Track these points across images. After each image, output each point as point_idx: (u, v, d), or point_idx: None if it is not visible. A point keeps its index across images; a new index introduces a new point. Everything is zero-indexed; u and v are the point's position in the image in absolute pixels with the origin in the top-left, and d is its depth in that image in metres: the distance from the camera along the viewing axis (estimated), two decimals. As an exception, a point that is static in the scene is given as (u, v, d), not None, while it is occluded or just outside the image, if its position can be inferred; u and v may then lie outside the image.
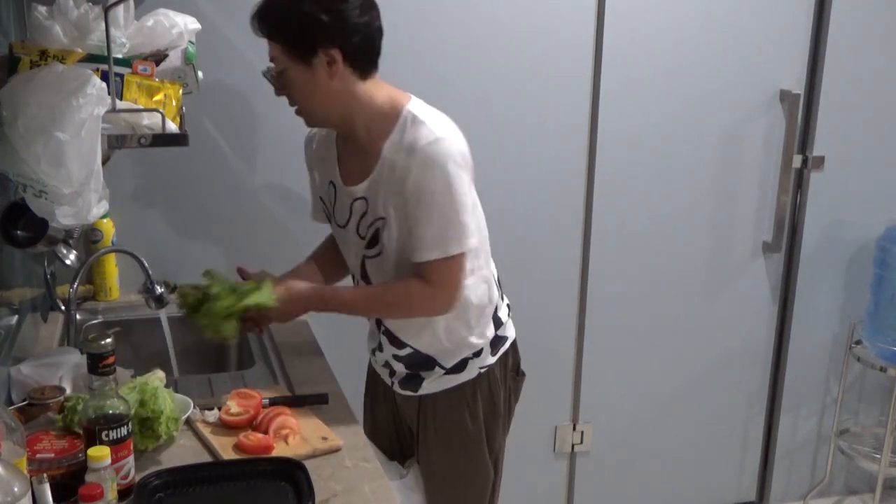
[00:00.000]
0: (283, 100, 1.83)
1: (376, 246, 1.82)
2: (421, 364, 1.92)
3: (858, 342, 3.04)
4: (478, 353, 1.92)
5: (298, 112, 1.79)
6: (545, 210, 2.73)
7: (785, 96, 2.82)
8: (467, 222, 1.72)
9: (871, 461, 3.03)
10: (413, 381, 1.94)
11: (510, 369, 2.03)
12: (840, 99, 2.85)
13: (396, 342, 1.91)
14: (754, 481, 3.20)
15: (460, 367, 1.92)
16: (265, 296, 1.74)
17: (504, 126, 2.62)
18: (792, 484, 3.22)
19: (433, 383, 1.93)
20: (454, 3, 2.50)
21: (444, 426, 1.96)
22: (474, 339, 1.90)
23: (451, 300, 1.78)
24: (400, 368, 1.95)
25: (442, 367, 1.91)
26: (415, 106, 1.76)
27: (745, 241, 2.94)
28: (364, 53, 1.73)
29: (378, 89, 1.77)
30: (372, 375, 2.14)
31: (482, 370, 1.93)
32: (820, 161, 2.89)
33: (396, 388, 1.99)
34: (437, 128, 1.71)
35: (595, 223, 2.77)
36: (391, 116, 1.74)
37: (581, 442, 2.96)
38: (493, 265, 1.97)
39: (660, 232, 2.85)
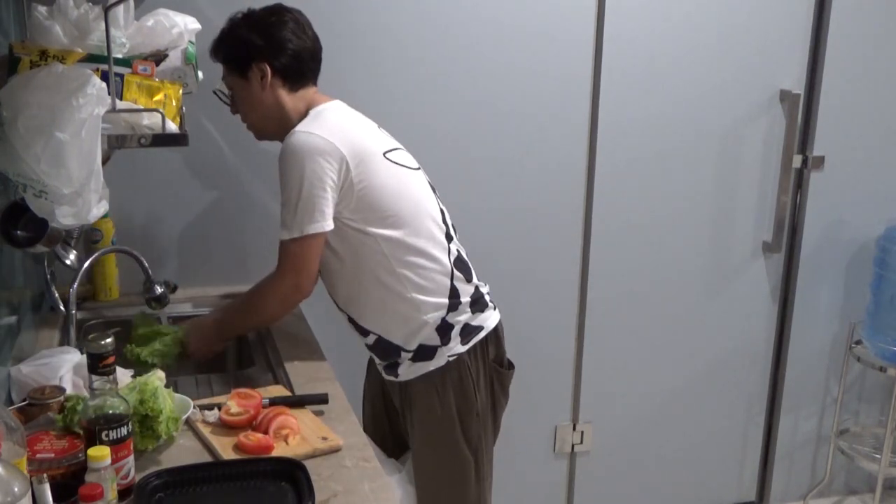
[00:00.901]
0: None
1: None
2: (386, 350, 2.02)
3: (858, 342, 3.04)
4: (445, 341, 1.98)
5: (248, 127, 2.06)
6: (545, 210, 2.73)
7: (785, 96, 2.82)
8: (309, 209, 1.86)
9: (871, 461, 3.03)
10: (392, 367, 2.04)
11: (492, 360, 2.06)
12: (840, 99, 2.86)
13: (361, 330, 2.03)
14: (754, 481, 3.20)
15: (428, 353, 1.99)
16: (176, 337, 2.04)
17: (504, 128, 2.62)
18: (792, 484, 3.22)
19: (408, 370, 2.02)
20: (455, 4, 2.50)
21: (418, 412, 2.04)
22: (419, 312, 1.96)
23: (298, 283, 1.93)
24: (374, 356, 2.08)
25: (406, 351, 1.99)
26: (317, 108, 1.96)
27: (745, 241, 2.94)
28: (292, 69, 1.97)
29: (303, 101, 2.00)
30: (370, 364, 2.25)
31: (451, 358, 1.99)
32: (820, 161, 2.89)
33: (383, 373, 2.09)
34: (305, 124, 1.91)
35: (595, 223, 2.77)
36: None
37: (581, 442, 2.96)
38: (453, 245, 2.03)
39: (660, 232, 2.85)
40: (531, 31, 2.57)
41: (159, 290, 2.16)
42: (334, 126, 1.92)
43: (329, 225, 1.88)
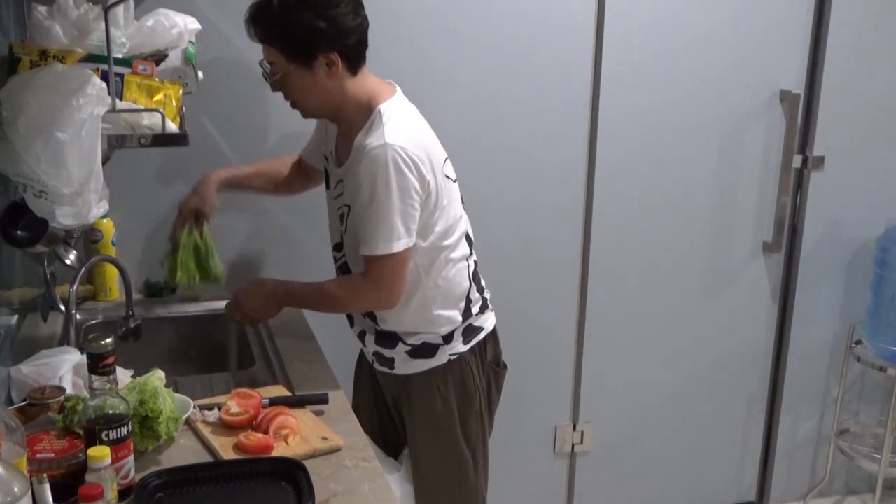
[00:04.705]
0: (282, 99, 1.90)
1: (344, 224, 1.95)
2: (386, 337, 2.01)
3: (858, 342, 3.04)
4: (448, 340, 1.99)
5: (294, 106, 1.92)
6: (545, 211, 2.73)
7: (785, 96, 2.82)
8: (399, 225, 1.80)
9: (871, 461, 3.03)
10: (385, 359, 2.04)
11: (489, 361, 2.08)
12: (840, 99, 2.85)
13: (372, 318, 2.01)
14: (754, 481, 3.20)
15: (429, 351, 1.99)
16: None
17: (503, 132, 2.62)
18: (792, 484, 3.22)
19: (405, 364, 2.01)
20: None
21: (418, 408, 2.04)
22: (436, 325, 1.97)
23: (388, 296, 1.88)
24: (370, 342, 2.05)
25: (404, 344, 1.99)
26: (388, 105, 1.86)
27: (745, 241, 2.94)
28: (356, 53, 1.86)
29: (363, 84, 1.89)
30: (359, 360, 2.23)
31: (453, 357, 2.00)
32: (820, 161, 2.89)
33: (376, 365, 2.08)
34: (390, 132, 1.80)
35: (595, 223, 2.77)
36: (366, 111, 1.86)
37: (581, 442, 2.96)
38: (473, 258, 2.05)
39: (660, 232, 2.85)
40: (531, 32, 2.57)
41: (133, 323, 2.10)
42: (418, 137, 1.85)
43: (414, 240, 1.85)
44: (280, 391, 1.85)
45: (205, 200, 2.13)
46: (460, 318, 2.00)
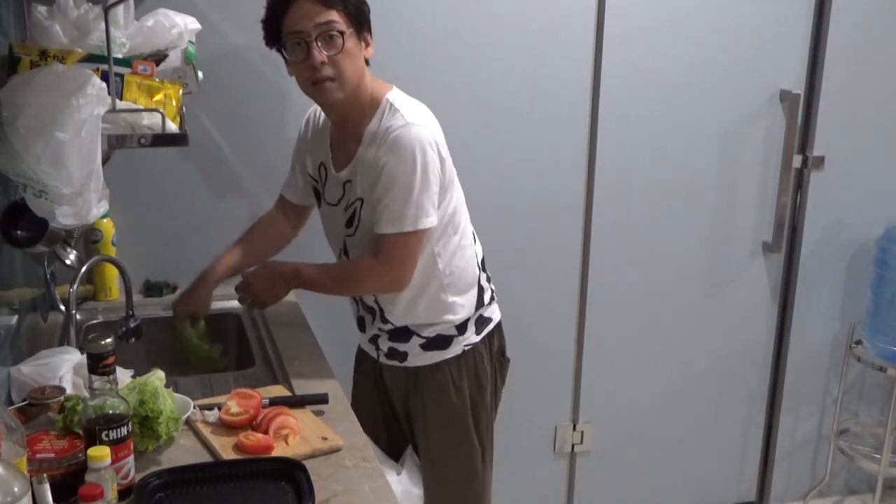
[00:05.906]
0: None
1: (353, 224, 1.95)
2: (399, 334, 2.01)
3: (858, 342, 3.04)
4: (462, 331, 2.01)
5: (328, 81, 1.81)
6: (545, 210, 2.73)
7: (785, 96, 2.82)
8: (424, 203, 1.83)
9: (871, 461, 3.03)
10: (398, 354, 2.04)
11: (496, 352, 2.11)
12: (840, 99, 2.85)
13: (382, 318, 2.02)
14: (754, 481, 3.20)
15: (444, 342, 2.00)
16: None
17: (503, 130, 2.62)
18: (792, 484, 3.22)
19: (418, 357, 2.02)
20: (454, 2, 2.49)
21: (431, 400, 2.05)
22: (451, 313, 1.99)
23: (401, 276, 1.90)
24: (383, 341, 2.05)
25: (419, 337, 2.00)
26: (395, 94, 1.91)
27: (745, 241, 2.94)
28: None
29: (369, 77, 1.91)
30: (359, 359, 2.22)
31: (467, 348, 2.03)
32: (820, 161, 2.89)
33: (383, 359, 2.08)
34: (409, 115, 1.86)
35: (595, 223, 2.77)
36: (373, 103, 1.89)
37: (581, 442, 2.96)
38: (478, 246, 2.08)
39: (660, 232, 2.85)
40: (531, 31, 2.57)
41: (134, 323, 2.13)
42: (432, 120, 1.91)
43: (435, 220, 1.88)
44: (280, 391, 1.85)
45: (199, 305, 2.11)
46: (474, 307, 2.02)
